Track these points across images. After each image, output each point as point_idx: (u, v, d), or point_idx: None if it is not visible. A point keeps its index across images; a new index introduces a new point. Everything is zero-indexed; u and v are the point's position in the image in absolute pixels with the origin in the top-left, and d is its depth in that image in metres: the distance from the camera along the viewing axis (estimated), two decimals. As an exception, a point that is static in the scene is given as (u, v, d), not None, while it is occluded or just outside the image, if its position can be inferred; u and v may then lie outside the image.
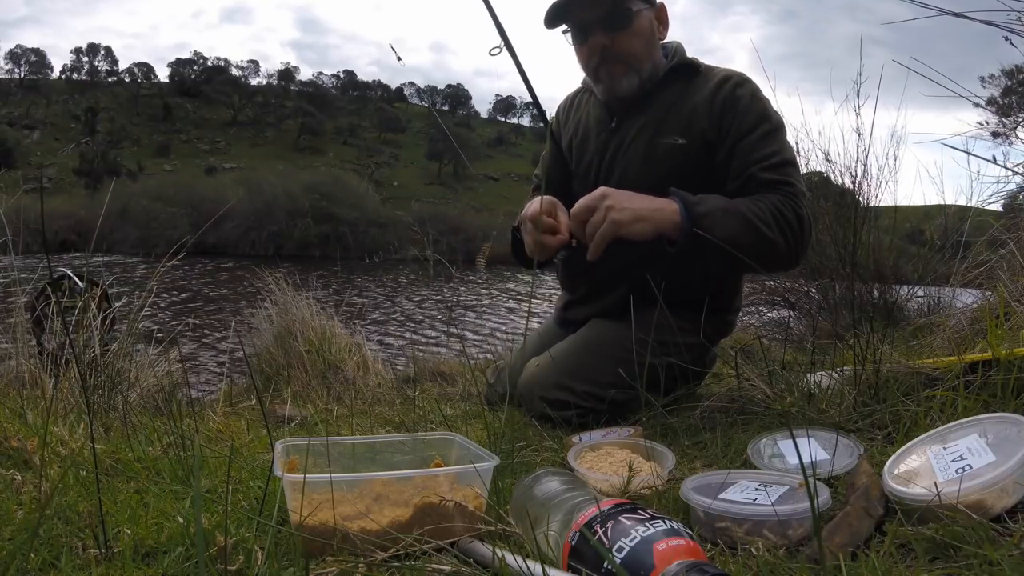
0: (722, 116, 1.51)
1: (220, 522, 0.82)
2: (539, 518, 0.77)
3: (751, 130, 1.50)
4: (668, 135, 1.55)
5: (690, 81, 1.58)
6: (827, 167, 3.18)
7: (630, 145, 1.60)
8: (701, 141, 1.52)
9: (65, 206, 23.68)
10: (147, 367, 2.15)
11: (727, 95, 1.52)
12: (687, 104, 1.55)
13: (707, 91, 1.54)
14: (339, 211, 30.02)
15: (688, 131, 1.53)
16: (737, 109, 1.51)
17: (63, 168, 54.09)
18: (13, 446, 1.15)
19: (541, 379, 1.60)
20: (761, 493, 0.85)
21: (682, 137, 1.54)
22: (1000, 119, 3.65)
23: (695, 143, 1.53)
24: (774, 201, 1.44)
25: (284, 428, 1.66)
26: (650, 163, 1.57)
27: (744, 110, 1.51)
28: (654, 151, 1.56)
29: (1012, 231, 1.92)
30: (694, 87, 1.57)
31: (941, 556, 0.70)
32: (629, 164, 1.60)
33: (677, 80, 1.59)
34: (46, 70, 79.41)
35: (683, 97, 1.57)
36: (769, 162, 1.48)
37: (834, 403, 1.31)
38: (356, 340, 3.11)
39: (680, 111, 1.55)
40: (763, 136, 1.50)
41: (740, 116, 1.50)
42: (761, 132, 1.50)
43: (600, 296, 1.68)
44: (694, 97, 1.55)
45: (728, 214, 1.40)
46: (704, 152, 1.53)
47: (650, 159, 1.57)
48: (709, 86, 1.55)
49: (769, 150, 1.49)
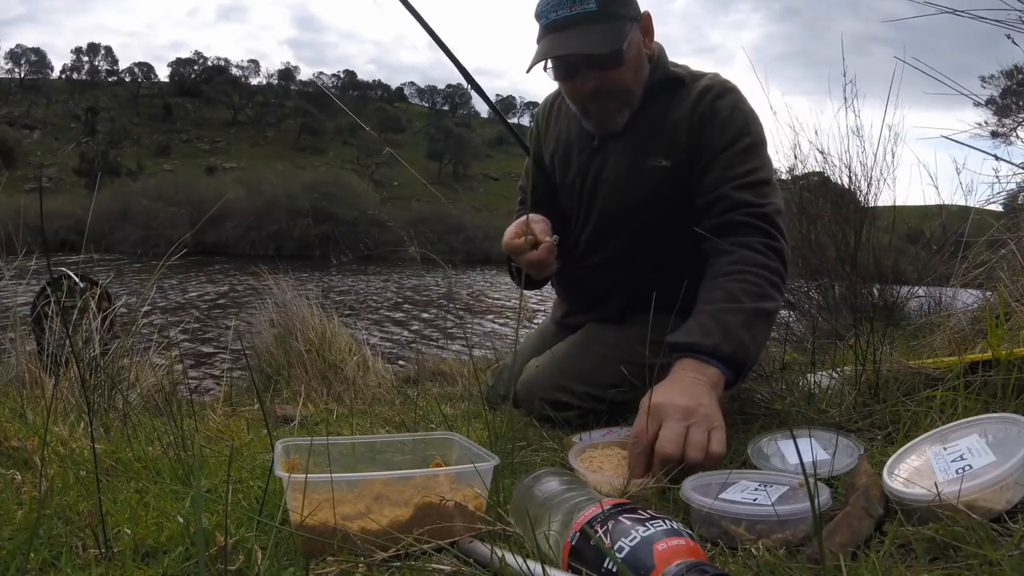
0: (701, 131, 1.44)
1: (220, 522, 0.82)
2: (539, 518, 0.77)
3: (729, 145, 1.43)
4: (652, 157, 1.48)
5: (673, 94, 1.50)
6: (826, 167, 3.17)
7: (613, 166, 1.55)
8: (683, 159, 1.46)
9: (65, 206, 23.66)
10: (147, 367, 2.15)
11: (706, 108, 1.45)
12: (669, 121, 1.48)
13: (687, 105, 1.47)
14: (339, 211, 30.04)
15: (671, 152, 1.47)
16: (715, 123, 1.44)
17: (63, 168, 54.13)
18: (13, 446, 1.15)
19: (541, 380, 1.60)
20: (761, 493, 0.85)
21: (666, 159, 1.47)
22: (1000, 119, 3.65)
23: (678, 162, 1.47)
24: (759, 260, 1.33)
25: (285, 428, 1.66)
26: (634, 185, 1.51)
27: (723, 123, 1.44)
28: (638, 173, 1.51)
29: (1012, 231, 1.91)
30: (676, 100, 1.49)
31: (941, 556, 0.70)
32: (613, 186, 1.55)
33: (660, 95, 1.51)
34: (46, 70, 79.51)
35: (665, 114, 1.49)
36: (744, 180, 1.40)
37: (834, 403, 1.31)
38: (355, 335, 3.11)
39: (663, 130, 1.48)
40: (742, 151, 1.43)
41: (718, 130, 1.44)
42: (740, 147, 1.43)
43: (599, 306, 1.67)
44: (675, 113, 1.48)
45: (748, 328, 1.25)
46: (687, 170, 1.46)
47: (634, 181, 1.51)
48: (690, 99, 1.47)
49: (746, 167, 1.42)
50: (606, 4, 1.39)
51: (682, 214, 1.45)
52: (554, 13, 1.40)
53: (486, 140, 79.66)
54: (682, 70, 1.54)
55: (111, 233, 24.14)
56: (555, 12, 1.40)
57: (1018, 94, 4.94)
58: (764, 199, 1.40)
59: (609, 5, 1.39)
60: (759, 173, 1.42)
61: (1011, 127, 3.98)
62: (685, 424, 1.05)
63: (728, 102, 1.46)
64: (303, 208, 29.72)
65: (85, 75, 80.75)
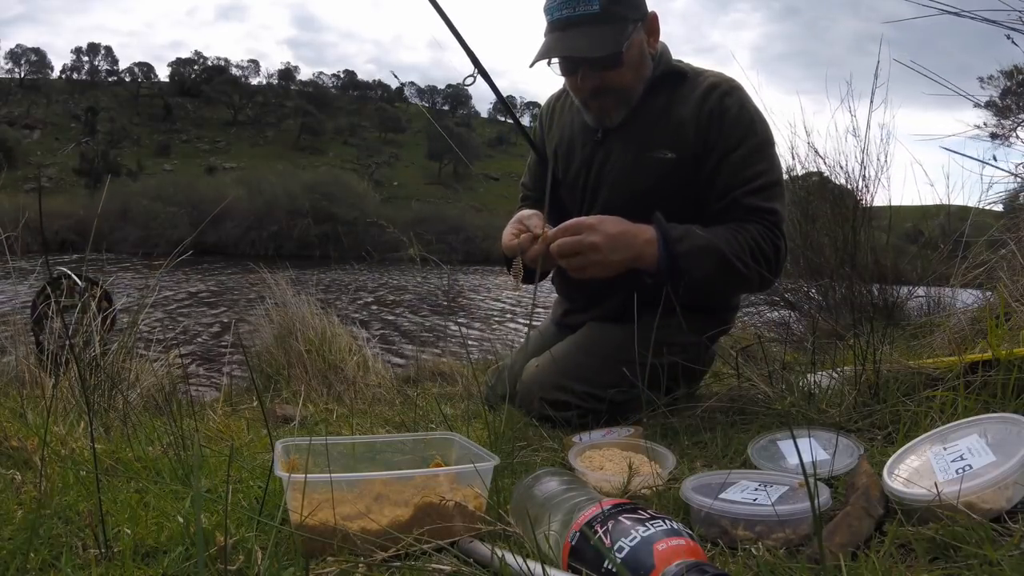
0: (709, 128, 1.48)
1: (220, 522, 0.82)
2: (539, 518, 0.77)
3: (737, 145, 1.47)
4: (657, 149, 1.51)
5: (676, 88, 1.54)
6: (825, 167, 3.17)
7: (617, 158, 1.57)
8: (689, 154, 1.50)
9: (65, 206, 23.68)
10: (147, 366, 2.15)
11: (714, 106, 1.48)
12: (674, 115, 1.51)
13: (694, 101, 1.50)
14: (339, 211, 30.07)
15: (677, 145, 1.50)
16: (724, 121, 1.47)
17: (63, 168, 54.15)
18: (13, 446, 1.15)
19: (540, 380, 1.59)
20: (761, 493, 0.85)
21: (671, 151, 1.50)
22: (999, 120, 3.65)
23: (684, 157, 1.50)
24: (754, 234, 1.43)
25: (285, 428, 1.66)
26: (638, 177, 1.54)
27: (731, 123, 1.47)
28: (642, 165, 1.53)
29: (1012, 231, 1.91)
30: (680, 95, 1.53)
31: (941, 556, 0.70)
32: (617, 178, 1.57)
33: (663, 88, 1.55)
34: (46, 70, 79.54)
35: (670, 107, 1.52)
36: (753, 185, 1.46)
37: (834, 403, 1.31)
38: (353, 332, 3.11)
39: (668, 123, 1.52)
40: (750, 152, 1.47)
41: (727, 129, 1.47)
42: (748, 148, 1.47)
43: (598, 303, 1.68)
44: (681, 108, 1.51)
45: (706, 252, 1.39)
46: (692, 165, 1.50)
47: (638, 173, 1.54)
48: (696, 95, 1.50)
49: (755, 170, 1.46)
50: (609, 5, 1.42)
51: (684, 208, 1.47)
52: (559, 12, 1.44)
53: (486, 140, 79.76)
54: (684, 66, 1.58)
55: (111, 233, 24.13)
56: (560, 11, 1.44)
57: (1017, 95, 4.94)
58: (771, 203, 1.47)
59: (612, 6, 1.42)
60: (767, 176, 1.48)
61: (1010, 128, 3.98)
62: (590, 246, 1.33)
63: (735, 100, 1.50)
64: (303, 208, 29.75)
65: (85, 75, 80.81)
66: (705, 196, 1.50)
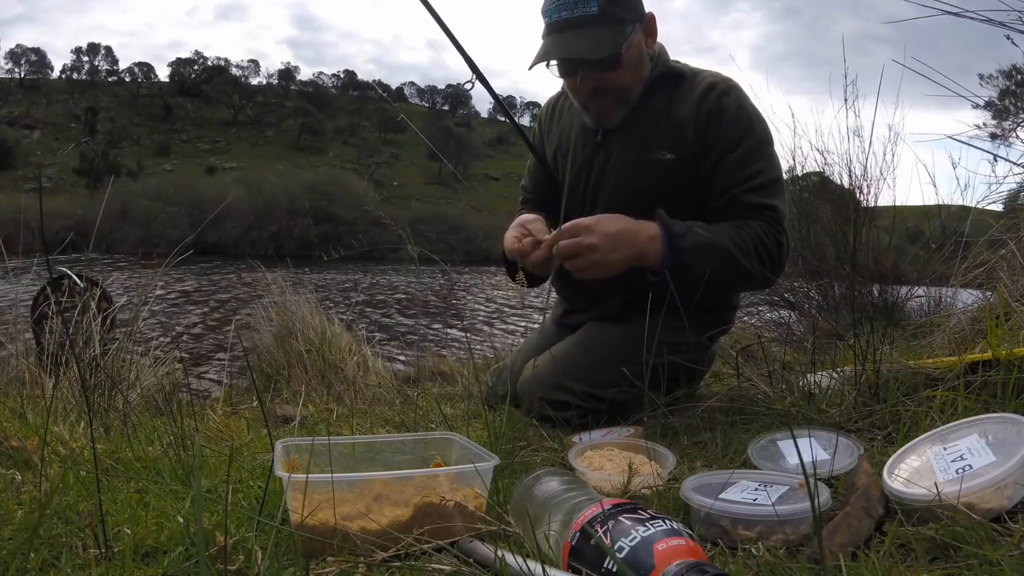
0: (707, 128, 1.48)
1: (220, 522, 0.82)
2: (539, 518, 0.77)
3: (736, 145, 1.47)
4: (656, 150, 1.52)
5: (675, 89, 1.54)
6: (826, 167, 3.17)
7: (617, 160, 1.57)
8: (688, 154, 1.50)
9: (65, 206, 23.66)
10: (148, 367, 2.15)
11: (712, 105, 1.48)
12: (673, 116, 1.51)
13: (692, 101, 1.50)
14: (339, 211, 30.08)
15: (676, 145, 1.50)
16: (722, 121, 1.48)
17: (63, 168, 54.12)
18: (13, 446, 1.15)
19: (540, 380, 1.60)
20: (761, 493, 0.85)
21: (671, 151, 1.51)
22: (999, 121, 3.65)
23: (683, 157, 1.50)
24: (756, 229, 1.43)
25: (285, 428, 1.66)
26: (638, 177, 1.54)
27: (729, 122, 1.48)
28: (642, 166, 1.54)
29: (1012, 231, 1.91)
30: (679, 96, 1.53)
31: (941, 556, 0.70)
32: (617, 179, 1.58)
33: (662, 89, 1.55)
34: (46, 70, 79.52)
35: (669, 108, 1.53)
36: (753, 183, 1.46)
37: (834, 403, 1.31)
38: (353, 332, 3.11)
39: (667, 124, 1.52)
40: (748, 151, 1.47)
41: (725, 129, 1.47)
42: (746, 147, 1.47)
43: (598, 303, 1.68)
44: (680, 108, 1.51)
45: (711, 248, 1.39)
46: (691, 165, 1.50)
47: (638, 174, 1.54)
48: (694, 95, 1.51)
49: (753, 168, 1.47)
50: (607, 7, 1.42)
51: (685, 208, 1.47)
52: (557, 14, 1.45)
53: (486, 140, 79.74)
54: (682, 66, 1.58)
55: (111, 233, 24.12)
56: (558, 13, 1.44)
57: (1017, 95, 4.94)
58: (771, 200, 1.47)
59: (610, 8, 1.43)
60: (766, 174, 1.48)
61: (1010, 128, 3.98)
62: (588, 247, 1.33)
63: (733, 100, 1.50)
64: (303, 208, 29.76)
65: (85, 75, 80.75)
66: (705, 196, 1.50)
